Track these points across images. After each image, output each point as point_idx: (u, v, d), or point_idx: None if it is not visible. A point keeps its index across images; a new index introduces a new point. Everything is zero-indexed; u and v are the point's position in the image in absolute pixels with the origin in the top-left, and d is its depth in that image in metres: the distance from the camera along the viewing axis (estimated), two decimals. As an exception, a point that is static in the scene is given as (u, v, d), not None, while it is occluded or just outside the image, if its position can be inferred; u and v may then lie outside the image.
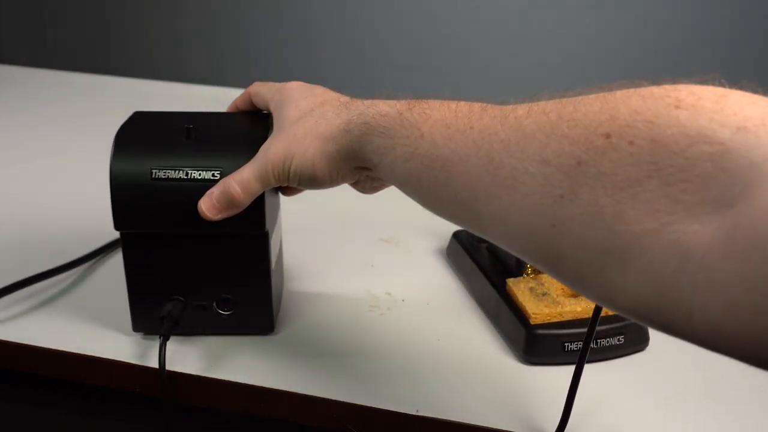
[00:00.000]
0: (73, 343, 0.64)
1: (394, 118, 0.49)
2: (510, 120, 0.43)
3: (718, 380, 0.61)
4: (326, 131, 0.53)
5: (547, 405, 0.58)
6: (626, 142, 0.36)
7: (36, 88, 1.34)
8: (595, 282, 0.38)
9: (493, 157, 0.42)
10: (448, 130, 0.46)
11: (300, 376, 0.61)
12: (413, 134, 0.48)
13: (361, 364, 0.62)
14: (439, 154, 0.46)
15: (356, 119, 0.52)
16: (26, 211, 0.89)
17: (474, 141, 0.44)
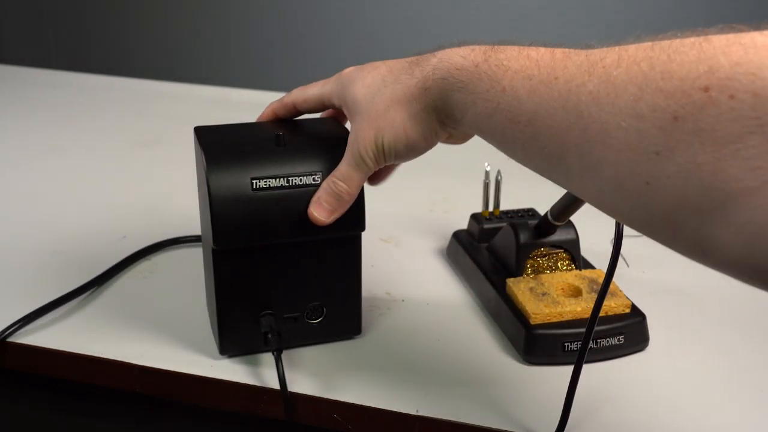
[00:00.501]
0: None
1: (471, 71, 0.47)
2: (598, 69, 0.40)
3: (718, 380, 0.61)
4: (405, 94, 0.51)
5: (546, 405, 0.58)
6: (726, 96, 0.34)
7: (36, 88, 1.34)
8: (691, 240, 0.37)
9: (581, 110, 0.40)
10: (530, 82, 0.44)
11: (299, 376, 0.61)
12: (494, 88, 0.46)
13: (361, 364, 0.62)
14: (524, 108, 0.44)
15: (431, 75, 0.50)
16: (26, 211, 0.89)
17: (560, 93, 0.42)
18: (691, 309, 0.71)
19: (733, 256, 0.35)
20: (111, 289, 0.73)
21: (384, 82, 0.53)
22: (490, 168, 0.76)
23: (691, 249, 0.38)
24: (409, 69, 0.52)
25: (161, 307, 0.70)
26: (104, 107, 1.26)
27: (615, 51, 0.40)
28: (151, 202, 0.91)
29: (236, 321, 0.60)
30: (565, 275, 0.68)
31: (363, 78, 0.55)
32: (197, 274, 0.71)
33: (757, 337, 0.67)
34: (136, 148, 1.08)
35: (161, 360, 0.62)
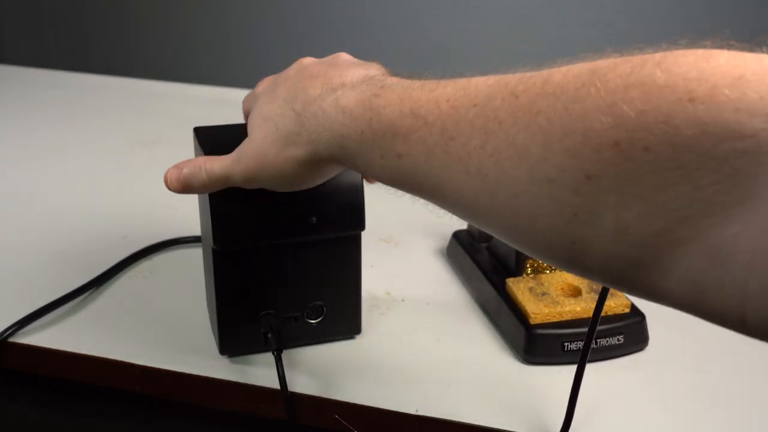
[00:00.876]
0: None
1: (358, 141, 0.45)
2: (493, 127, 0.37)
3: (718, 381, 0.61)
4: (297, 157, 0.49)
5: (546, 405, 0.58)
6: (640, 149, 0.31)
7: (36, 88, 1.34)
8: (633, 286, 0.35)
9: (486, 174, 0.37)
10: (424, 146, 0.41)
11: (299, 377, 0.61)
12: (387, 154, 0.43)
13: (361, 364, 0.62)
14: (425, 174, 0.41)
15: (321, 145, 0.47)
16: (26, 211, 0.89)
17: (459, 156, 0.39)
18: (690, 309, 0.71)
19: (682, 301, 0.33)
20: (111, 289, 0.73)
21: (276, 126, 0.50)
22: (490, 168, 0.76)
23: (640, 295, 0.35)
24: (296, 131, 0.49)
25: (161, 307, 0.70)
26: (104, 107, 1.26)
27: (506, 100, 0.37)
28: (151, 202, 0.91)
29: (236, 321, 0.60)
30: (564, 275, 0.68)
31: (261, 108, 0.52)
32: (197, 274, 0.71)
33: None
34: (136, 148, 1.08)
35: (161, 360, 0.62)
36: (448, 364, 0.63)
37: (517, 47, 1.67)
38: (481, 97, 0.39)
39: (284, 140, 0.49)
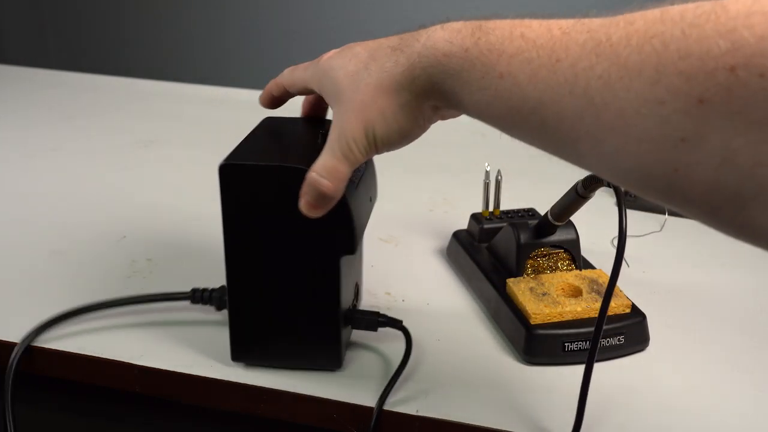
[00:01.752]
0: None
1: (461, 58, 0.43)
2: (605, 50, 0.36)
3: (718, 380, 0.61)
4: (392, 83, 0.48)
5: (547, 405, 0.58)
6: (757, 76, 0.30)
7: (36, 88, 1.34)
8: (728, 223, 0.34)
9: (592, 96, 0.37)
10: (530, 66, 0.40)
11: (299, 377, 0.60)
12: (489, 74, 0.42)
13: (361, 363, 0.62)
14: (526, 95, 0.40)
15: (418, 62, 0.46)
16: (26, 211, 0.89)
17: (566, 78, 0.38)
18: (691, 309, 0.71)
19: None
20: (111, 289, 0.73)
21: (367, 69, 0.49)
22: (490, 168, 0.76)
23: (729, 230, 0.35)
24: (392, 55, 0.48)
25: (161, 307, 0.69)
26: (104, 107, 1.26)
27: (620, 26, 0.37)
28: (151, 202, 0.91)
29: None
30: (565, 275, 0.68)
31: (344, 66, 0.51)
32: (197, 274, 0.71)
33: (757, 337, 0.67)
34: (136, 148, 1.08)
35: (161, 360, 0.62)
36: (448, 364, 0.63)
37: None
38: (595, 24, 0.38)
39: (378, 71, 0.48)
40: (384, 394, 0.58)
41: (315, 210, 0.53)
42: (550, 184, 0.78)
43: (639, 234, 0.83)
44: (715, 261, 0.79)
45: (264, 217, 0.55)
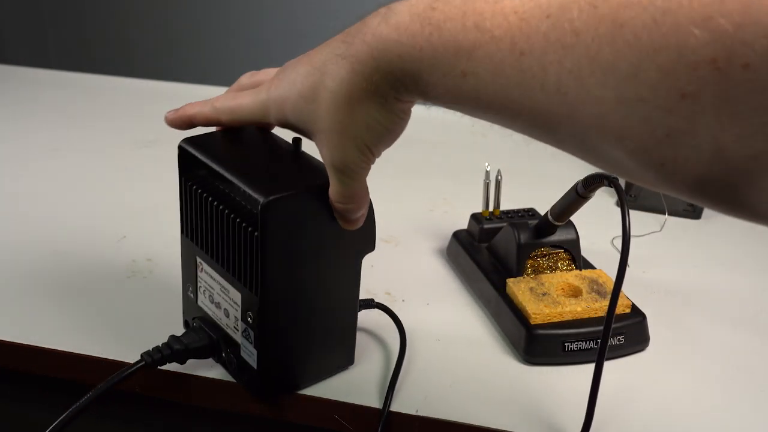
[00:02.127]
0: None
1: (417, 58, 0.41)
2: (570, 40, 0.34)
3: (718, 380, 0.61)
4: (360, 93, 0.45)
5: (547, 405, 0.58)
6: (740, 66, 0.29)
7: (36, 88, 1.34)
8: (725, 204, 0.33)
9: (566, 92, 0.34)
10: (491, 62, 0.37)
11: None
12: (450, 73, 0.39)
13: (361, 363, 0.62)
14: (494, 92, 0.38)
15: (375, 68, 0.43)
16: (26, 211, 0.89)
17: (533, 72, 0.35)
18: (691, 309, 0.71)
19: None
20: (111, 289, 0.73)
21: (325, 87, 0.46)
22: (490, 168, 0.76)
23: (724, 212, 0.34)
24: (343, 63, 0.45)
25: (161, 307, 0.69)
26: (104, 107, 1.26)
27: (583, 9, 0.33)
28: (151, 202, 0.91)
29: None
30: (565, 275, 0.68)
31: (298, 91, 0.48)
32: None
33: (757, 337, 0.67)
34: (136, 148, 1.08)
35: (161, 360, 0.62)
36: (448, 364, 0.63)
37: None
38: (554, 7, 0.35)
39: (338, 84, 0.45)
40: (388, 394, 0.58)
41: (354, 224, 0.54)
42: (550, 184, 0.78)
43: (639, 234, 0.83)
44: (715, 261, 0.79)
45: (301, 239, 0.53)
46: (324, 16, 1.78)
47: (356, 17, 0.47)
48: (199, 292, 0.61)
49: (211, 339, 0.59)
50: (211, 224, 0.56)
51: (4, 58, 1.64)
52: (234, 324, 0.57)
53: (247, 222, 0.52)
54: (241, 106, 0.54)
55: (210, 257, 0.57)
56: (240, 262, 0.54)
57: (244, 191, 0.52)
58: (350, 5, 1.81)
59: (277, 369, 0.57)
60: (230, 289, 0.56)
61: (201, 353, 0.59)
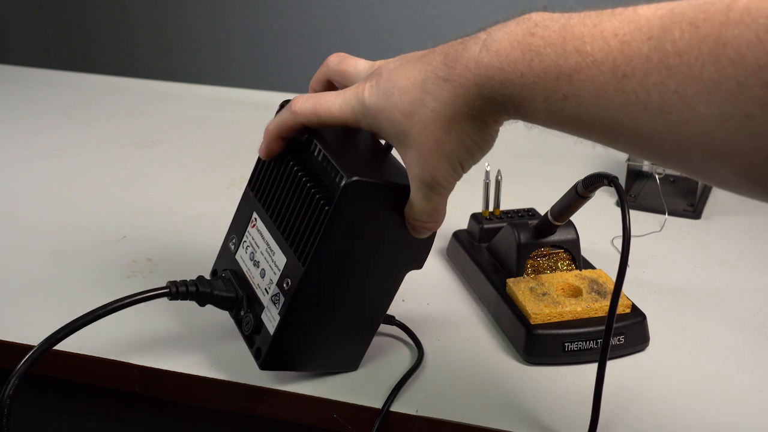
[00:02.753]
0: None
1: (519, 84, 0.42)
2: (674, 61, 0.34)
3: (718, 381, 0.61)
4: (458, 113, 0.46)
5: (547, 405, 0.58)
6: None
7: (36, 88, 1.34)
8: None
9: (669, 112, 0.35)
10: (593, 84, 0.38)
11: (299, 376, 0.61)
12: (551, 97, 0.40)
13: (361, 364, 0.62)
14: (595, 114, 0.39)
15: (477, 93, 0.44)
16: (26, 211, 0.89)
17: (636, 94, 0.36)
18: (691, 309, 0.71)
19: None
20: (111, 289, 0.73)
21: (425, 105, 0.47)
22: (490, 168, 0.76)
23: None
24: (446, 86, 0.46)
25: (161, 307, 0.69)
26: (104, 107, 1.26)
27: (684, 30, 0.34)
28: (151, 202, 0.91)
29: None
30: (565, 275, 0.68)
31: (398, 105, 0.49)
32: (197, 274, 0.70)
33: (757, 337, 0.67)
34: (136, 148, 1.08)
35: (161, 360, 0.62)
36: (447, 364, 0.63)
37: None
38: (655, 29, 0.36)
39: (440, 104, 0.46)
40: (391, 395, 0.58)
41: (425, 234, 0.56)
42: (550, 184, 0.78)
43: (639, 234, 0.83)
44: (715, 261, 0.79)
45: (364, 229, 0.54)
46: (325, 16, 1.78)
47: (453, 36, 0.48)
48: (242, 246, 0.61)
49: (236, 293, 0.59)
50: (285, 187, 0.57)
51: (5, 58, 1.64)
52: (267, 286, 0.57)
53: (323, 194, 0.53)
54: (330, 109, 0.53)
55: (270, 216, 0.58)
56: (301, 230, 0.54)
57: (332, 165, 0.53)
58: (350, 7, 1.81)
59: (290, 343, 0.57)
60: (277, 252, 0.57)
61: (222, 303, 0.60)
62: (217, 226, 0.85)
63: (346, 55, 0.58)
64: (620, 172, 0.89)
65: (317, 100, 0.54)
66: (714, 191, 0.94)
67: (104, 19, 2.05)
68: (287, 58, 1.84)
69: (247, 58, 1.92)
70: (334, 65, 0.58)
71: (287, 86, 1.63)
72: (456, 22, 1.71)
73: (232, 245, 0.62)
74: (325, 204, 0.52)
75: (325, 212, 0.52)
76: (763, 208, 0.90)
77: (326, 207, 0.52)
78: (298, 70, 1.82)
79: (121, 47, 2.05)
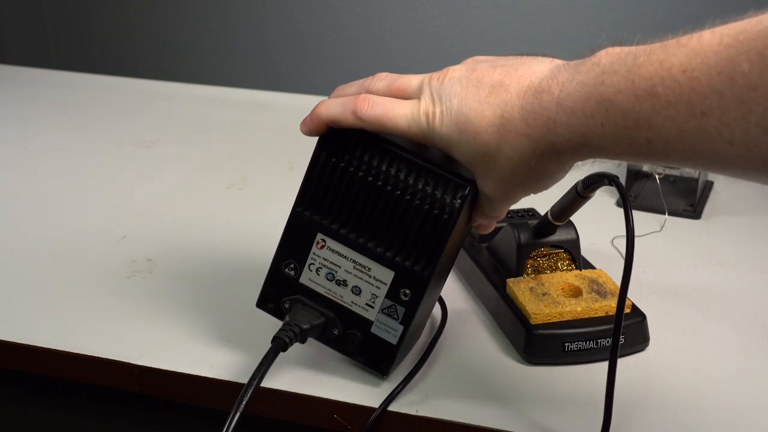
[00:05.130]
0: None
1: (600, 135, 0.43)
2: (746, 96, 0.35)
3: (718, 381, 0.61)
4: (542, 154, 0.47)
5: (547, 405, 0.58)
6: None
7: (36, 88, 1.34)
8: None
9: (755, 144, 0.36)
10: (673, 124, 0.39)
11: (299, 376, 0.61)
12: (634, 142, 0.41)
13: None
14: (678, 149, 0.39)
15: (558, 142, 0.46)
16: (26, 211, 0.89)
17: (719, 132, 0.37)
18: (691, 309, 0.71)
19: None
20: (111, 289, 0.73)
21: (500, 150, 0.48)
22: (490, 168, 0.76)
23: None
24: (526, 141, 0.47)
25: (161, 307, 0.70)
26: (104, 107, 1.26)
27: (753, 61, 0.34)
28: (151, 202, 0.91)
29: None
30: (565, 275, 0.68)
31: (472, 144, 0.49)
32: (198, 273, 0.71)
33: (757, 337, 0.67)
34: (136, 148, 1.08)
35: (161, 360, 0.62)
36: (448, 364, 0.63)
37: (517, 46, 1.66)
38: (723, 63, 0.36)
39: (525, 163, 0.48)
40: (391, 396, 0.58)
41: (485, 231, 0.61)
42: (550, 184, 0.78)
43: (639, 234, 0.83)
44: (715, 261, 0.79)
45: (464, 232, 0.59)
46: (325, 16, 1.78)
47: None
48: (307, 270, 0.59)
49: (326, 317, 0.59)
50: (370, 205, 0.57)
51: (5, 58, 1.64)
52: (368, 301, 0.58)
53: (432, 205, 0.55)
54: (397, 124, 0.53)
55: (350, 234, 0.57)
56: (410, 243, 0.56)
57: (438, 175, 0.55)
58: (350, 8, 1.82)
59: (404, 346, 0.60)
60: (374, 267, 0.57)
61: (315, 332, 0.59)
62: (217, 226, 0.85)
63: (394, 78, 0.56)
64: (620, 172, 0.89)
65: (385, 111, 0.53)
66: (714, 191, 0.94)
67: (104, 19, 2.05)
68: (287, 58, 1.84)
69: (247, 58, 1.92)
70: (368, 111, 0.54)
71: (287, 86, 1.63)
72: (455, 22, 1.71)
73: (290, 271, 0.60)
74: (441, 214, 0.55)
75: (443, 222, 0.55)
76: (763, 208, 0.90)
77: (444, 216, 0.55)
78: (298, 70, 1.82)
79: (121, 47, 2.05)
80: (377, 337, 0.58)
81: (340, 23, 1.79)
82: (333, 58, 1.76)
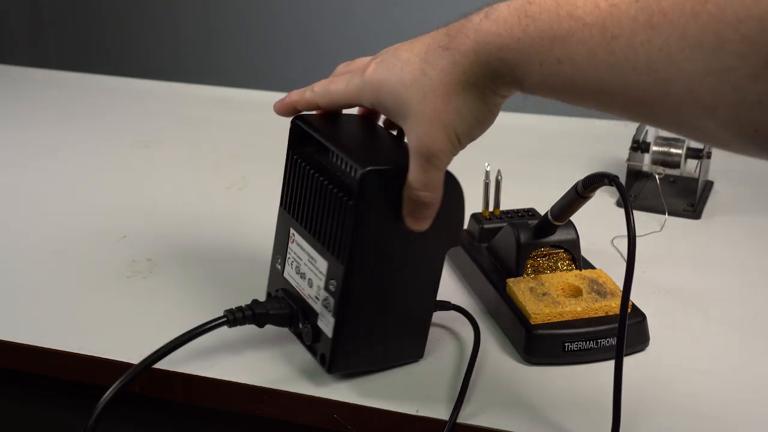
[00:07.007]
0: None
1: (515, 49, 0.44)
2: (659, 20, 0.36)
3: (718, 381, 0.61)
4: (457, 82, 0.48)
5: (547, 405, 0.58)
6: None
7: (36, 88, 1.34)
8: None
9: (657, 70, 0.37)
10: (585, 47, 0.40)
11: (299, 376, 0.61)
12: (546, 61, 0.42)
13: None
14: (588, 77, 0.41)
15: (475, 60, 0.46)
16: (26, 212, 0.89)
17: (625, 55, 0.38)
18: (691, 309, 0.71)
19: None
20: (111, 289, 0.73)
21: (425, 75, 0.49)
22: (490, 168, 0.76)
23: None
24: (446, 55, 0.48)
25: (161, 307, 0.70)
26: (104, 107, 1.26)
27: None
28: (151, 202, 0.91)
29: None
30: (565, 275, 0.68)
31: (398, 76, 0.51)
32: (198, 274, 0.71)
33: (757, 337, 0.67)
34: (136, 148, 1.08)
35: (161, 360, 0.62)
36: (448, 364, 0.63)
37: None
38: None
39: (439, 73, 0.48)
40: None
41: (423, 222, 0.54)
42: (550, 184, 0.78)
43: (639, 234, 0.83)
44: (714, 261, 0.79)
45: (392, 215, 0.55)
46: (325, 16, 1.78)
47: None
48: (287, 264, 0.62)
49: (291, 309, 0.61)
50: (309, 195, 0.59)
51: (4, 58, 1.63)
52: (316, 293, 0.59)
53: (344, 192, 0.55)
54: (337, 89, 0.56)
55: (303, 227, 0.60)
56: (331, 230, 0.56)
57: (345, 162, 0.55)
58: (350, 8, 1.82)
59: (350, 342, 0.58)
60: (317, 259, 0.58)
61: (279, 320, 0.61)
62: (217, 226, 0.85)
63: (351, 61, 0.60)
64: (620, 171, 0.89)
65: (330, 82, 0.57)
66: (714, 191, 0.94)
67: (104, 19, 2.05)
68: (288, 59, 1.84)
69: (248, 58, 1.92)
70: (341, 69, 0.59)
71: (288, 86, 1.63)
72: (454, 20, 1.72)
73: (279, 265, 0.64)
74: (348, 199, 0.54)
75: (349, 207, 0.54)
76: (763, 208, 0.90)
77: (349, 202, 0.54)
78: (298, 70, 1.82)
79: (121, 47, 2.05)
80: (321, 330, 0.58)
81: (341, 23, 1.79)
82: (333, 58, 1.76)
